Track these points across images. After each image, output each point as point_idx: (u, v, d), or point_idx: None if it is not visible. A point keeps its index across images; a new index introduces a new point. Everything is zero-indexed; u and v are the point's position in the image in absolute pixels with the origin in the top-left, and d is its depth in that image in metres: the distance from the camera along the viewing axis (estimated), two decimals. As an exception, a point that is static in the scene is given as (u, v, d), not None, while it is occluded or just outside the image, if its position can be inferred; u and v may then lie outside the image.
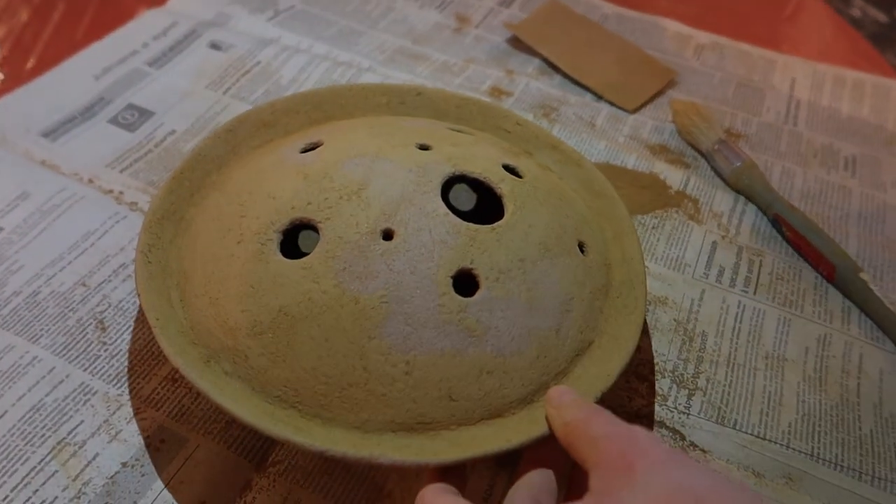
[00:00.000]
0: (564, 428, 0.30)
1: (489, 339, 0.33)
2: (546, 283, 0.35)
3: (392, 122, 0.44)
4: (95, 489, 0.34)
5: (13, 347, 0.39)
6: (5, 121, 0.52)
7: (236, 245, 0.35)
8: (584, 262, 0.38)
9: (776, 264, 0.48)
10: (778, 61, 0.66)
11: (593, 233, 0.41)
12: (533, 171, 0.41)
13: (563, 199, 0.40)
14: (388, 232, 0.34)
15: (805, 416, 0.40)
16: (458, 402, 0.33)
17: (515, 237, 0.36)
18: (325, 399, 0.32)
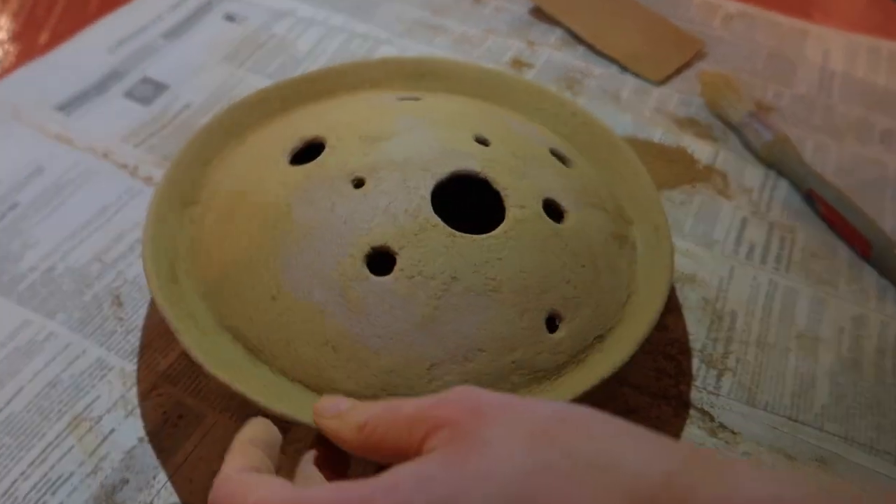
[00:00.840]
0: (360, 432, 0.25)
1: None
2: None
3: (454, 106, 0.42)
4: (112, 464, 0.34)
5: (30, 323, 0.39)
6: (19, 95, 0.51)
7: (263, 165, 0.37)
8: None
9: (809, 241, 0.46)
10: (810, 31, 0.64)
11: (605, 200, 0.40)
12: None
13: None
14: (360, 180, 0.34)
15: (839, 399, 0.39)
16: None
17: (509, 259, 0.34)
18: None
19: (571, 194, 0.37)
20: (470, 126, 0.38)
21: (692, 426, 0.37)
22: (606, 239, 0.37)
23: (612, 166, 0.42)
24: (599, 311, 0.35)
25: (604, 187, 0.40)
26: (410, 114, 0.38)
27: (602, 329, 0.35)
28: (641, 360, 0.39)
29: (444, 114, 0.39)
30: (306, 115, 0.42)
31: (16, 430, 0.34)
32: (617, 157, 0.43)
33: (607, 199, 0.39)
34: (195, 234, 0.37)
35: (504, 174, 0.35)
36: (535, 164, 0.37)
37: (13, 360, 0.37)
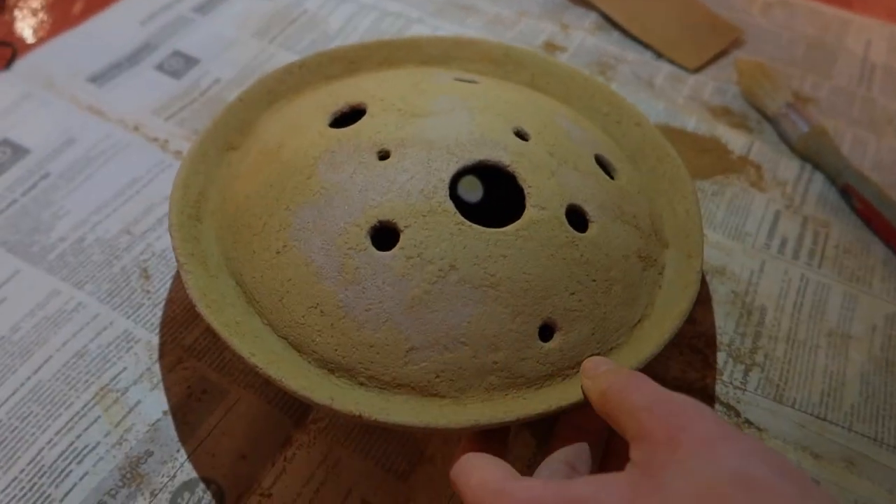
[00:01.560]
0: (602, 397, 0.27)
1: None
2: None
3: (505, 94, 0.40)
4: (137, 436, 0.34)
5: (59, 293, 0.39)
6: (53, 65, 0.51)
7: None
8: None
9: (843, 237, 0.45)
10: (852, 21, 0.62)
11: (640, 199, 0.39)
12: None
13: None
14: (385, 153, 0.34)
15: (869, 398, 0.38)
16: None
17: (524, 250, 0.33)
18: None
19: (602, 205, 0.35)
20: (514, 117, 0.37)
21: (717, 421, 0.36)
22: (629, 257, 0.35)
23: (659, 178, 0.41)
24: (602, 329, 0.33)
25: (644, 203, 0.38)
26: (457, 95, 0.37)
27: (601, 348, 0.33)
28: (667, 352, 0.39)
29: (491, 101, 0.38)
30: (358, 82, 0.42)
31: (44, 399, 0.35)
32: (667, 171, 0.41)
33: (643, 217, 0.37)
34: (227, 178, 0.38)
35: (533, 172, 0.34)
36: (572, 167, 0.36)
37: (42, 329, 0.37)
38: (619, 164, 0.39)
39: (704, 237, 0.44)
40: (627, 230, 0.36)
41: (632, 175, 0.39)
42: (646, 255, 0.36)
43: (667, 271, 0.36)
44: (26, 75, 0.50)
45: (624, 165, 0.40)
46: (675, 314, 0.33)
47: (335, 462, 0.34)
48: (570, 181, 0.35)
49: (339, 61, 0.44)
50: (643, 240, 0.36)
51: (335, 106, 0.38)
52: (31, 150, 0.46)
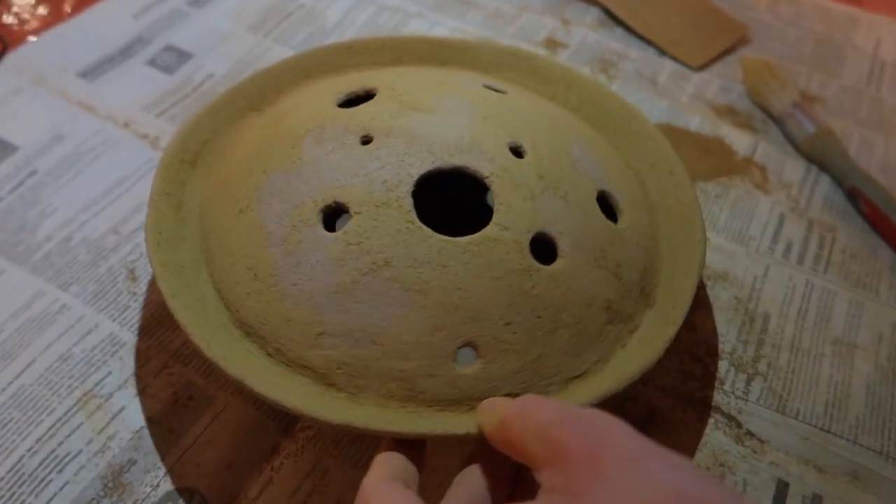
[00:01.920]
0: (501, 425, 0.25)
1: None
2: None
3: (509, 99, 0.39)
4: (121, 443, 0.33)
5: (44, 294, 0.38)
6: (43, 59, 0.50)
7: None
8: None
9: (850, 241, 0.44)
10: (861, 19, 0.60)
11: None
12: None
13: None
14: (369, 138, 0.33)
15: (875, 410, 0.37)
16: None
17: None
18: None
19: (580, 242, 0.32)
20: (519, 132, 0.35)
21: (717, 432, 0.35)
22: (593, 305, 0.32)
23: (674, 228, 0.37)
24: (532, 370, 0.30)
25: (640, 255, 0.35)
26: (468, 98, 0.36)
27: (524, 390, 0.30)
28: (667, 361, 0.38)
29: (502, 111, 0.36)
30: (385, 71, 0.41)
31: (25, 404, 0.34)
32: (684, 226, 0.37)
33: (630, 268, 0.34)
34: (235, 140, 0.39)
35: (512, 189, 0.32)
36: (560, 195, 0.33)
37: (25, 332, 0.36)
38: (630, 209, 0.36)
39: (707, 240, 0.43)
40: (603, 276, 0.33)
41: (639, 223, 0.36)
42: (617, 309, 0.33)
43: (640, 332, 0.33)
44: (16, 70, 0.49)
45: (635, 211, 0.36)
46: (620, 377, 0.30)
47: (324, 472, 0.33)
48: (550, 208, 0.32)
49: (387, 51, 0.44)
50: (619, 292, 0.33)
51: (349, 88, 0.38)
52: (19, 147, 0.45)
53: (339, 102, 0.37)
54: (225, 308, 0.32)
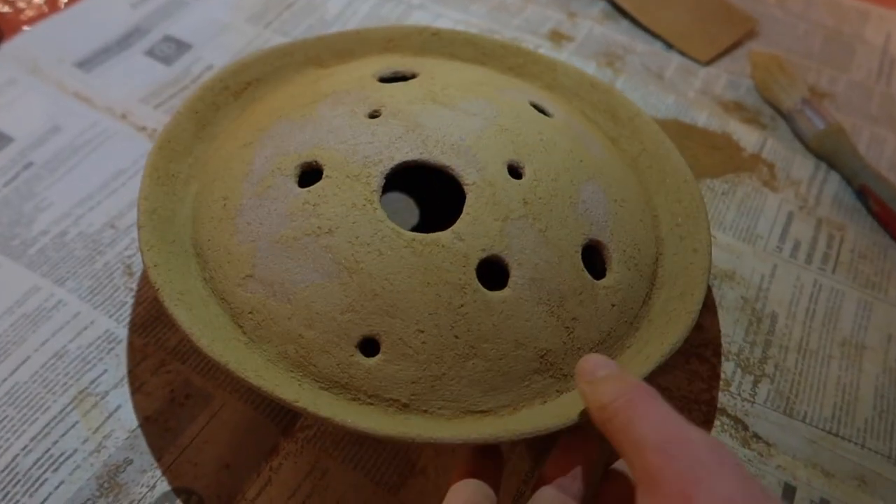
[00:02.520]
0: (601, 413, 0.24)
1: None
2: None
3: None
4: (116, 443, 0.33)
5: (39, 289, 0.37)
6: (39, 49, 0.49)
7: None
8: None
9: (859, 241, 0.43)
10: (872, 13, 0.60)
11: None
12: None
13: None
14: (376, 114, 0.34)
15: (883, 413, 0.36)
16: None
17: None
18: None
19: (538, 281, 0.31)
20: (529, 155, 0.33)
21: (724, 434, 0.35)
22: (524, 348, 0.30)
23: (675, 299, 0.34)
24: (429, 385, 0.29)
25: (610, 319, 0.32)
26: (496, 107, 0.35)
27: (411, 401, 0.29)
28: (672, 361, 0.37)
29: (527, 130, 0.34)
30: (441, 64, 0.41)
31: (20, 402, 0.33)
32: (694, 295, 0.34)
33: (587, 329, 0.31)
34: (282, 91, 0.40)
35: (487, 205, 0.31)
36: (539, 229, 0.31)
37: (20, 328, 0.36)
38: (622, 269, 0.33)
39: (714, 238, 0.42)
40: (550, 324, 0.31)
41: (626, 286, 0.33)
42: (552, 362, 0.31)
43: (563, 398, 0.31)
44: (12, 60, 0.48)
45: (628, 273, 0.33)
46: (511, 430, 0.28)
47: (323, 473, 0.32)
48: (519, 236, 0.31)
49: (470, 46, 0.43)
50: (563, 347, 0.31)
51: (396, 67, 0.39)
52: (14, 139, 0.44)
53: (380, 77, 0.37)
54: (192, 223, 0.34)
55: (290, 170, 0.33)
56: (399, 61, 0.41)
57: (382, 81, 0.37)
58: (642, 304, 0.34)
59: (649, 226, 0.36)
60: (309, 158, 0.33)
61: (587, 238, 0.33)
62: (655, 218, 0.37)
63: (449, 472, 0.32)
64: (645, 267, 0.35)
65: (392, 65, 0.40)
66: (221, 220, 0.33)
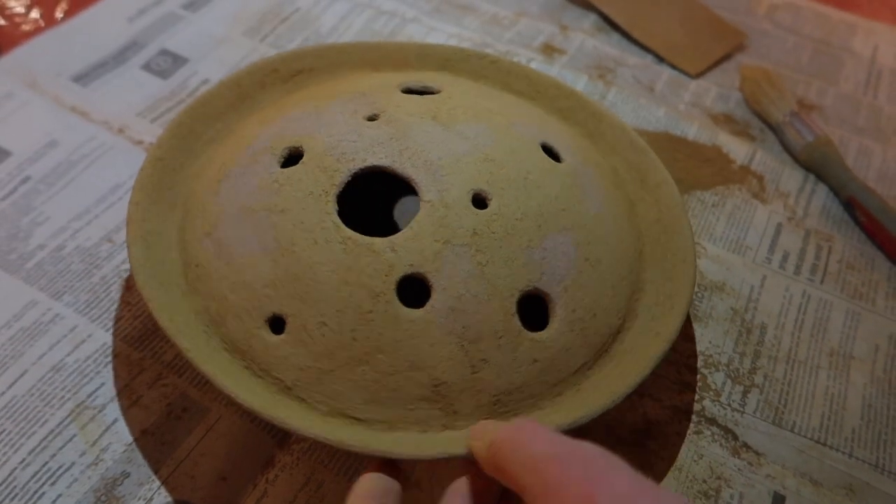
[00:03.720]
0: (489, 449, 0.24)
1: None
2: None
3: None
4: (114, 456, 0.33)
5: (36, 303, 0.38)
6: (37, 63, 0.50)
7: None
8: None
9: (847, 251, 0.44)
10: (859, 25, 0.60)
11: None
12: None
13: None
14: (374, 118, 0.35)
15: (871, 422, 0.37)
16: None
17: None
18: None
19: (455, 312, 0.30)
20: (504, 190, 0.33)
21: (714, 444, 0.35)
22: (419, 372, 0.30)
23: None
24: (316, 377, 0.30)
25: (529, 375, 0.31)
26: (494, 137, 0.35)
27: (295, 385, 0.30)
28: (663, 371, 0.38)
29: (516, 168, 0.34)
30: (468, 85, 0.42)
31: (17, 416, 0.34)
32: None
33: (497, 377, 0.31)
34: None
35: (433, 224, 0.31)
36: (477, 262, 0.31)
37: (18, 342, 0.36)
38: (561, 326, 0.32)
39: (703, 249, 0.43)
40: (454, 357, 0.30)
41: (564, 349, 0.32)
42: (445, 395, 0.30)
43: (445, 434, 0.30)
44: (9, 74, 0.49)
45: (568, 334, 0.32)
46: (373, 448, 0.28)
47: (318, 485, 0.33)
48: (452, 262, 0.31)
49: (524, 80, 0.43)
50: (461, 384, 0.30)
51: (429, 83, 0.39)
52: (11, 153, 0.44)
53: (406, 88, 0.38)
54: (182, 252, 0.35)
55: (278, 150, 0.35)
56: (438, 78, 0.41)
57: (407, 93, 0.38)
58: (576, 371, 0.32)
59: (622, 296, 0.34)
60: (297, 144, 0.34)
61: (532, 286, 0.32)
62: (639, 291, 0.35)
63: (444, 485, 0.33)
64: (594, 335, 0.33)
65: (426, 79, 0.40)
66: (212, 179, 0.35)
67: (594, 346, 0.33)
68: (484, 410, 0.30)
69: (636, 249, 0.37)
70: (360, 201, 0.36)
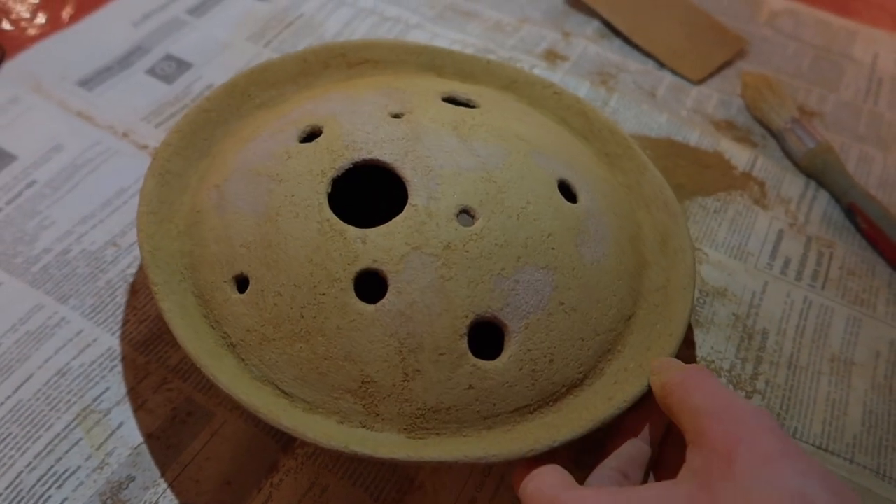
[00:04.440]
0: (663, 389, 0.28)
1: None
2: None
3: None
4: (119, 459, 0.33)
5: (42, 307, 0.38)
6: (42, 68, 0.50)
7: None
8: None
9: (848, 258, 0.44)
10: (860, 32, 0.61)
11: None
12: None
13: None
14: (399, 115, 0.36)
15: (871, 428, 0.37)
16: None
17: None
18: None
19: (403, 318, 0.30)
20: (493, 213, 0.32)
21: (716, 450, 0.35)
22: (352, 364, 0.30)
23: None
24: (258, 340, 0.31)
25: (460, 394, 0.30)
26: (506, 158, 0.34)
27: (243, 348, 0.31)
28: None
29: (520, 190, 0.33)
30: (510, 109, 0.40)
31: (23, 420, 0.34)
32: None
33: (423, 398, 0.30)
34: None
35: (410, 228, 0.31)
36: (441, 276, 0.31)
37: (24, 346, 0.36)
38: (513, 366, 0.31)
39: (705, 255, 0.43)
40: (389, 362, 0.30)
41: (506, 386, 0.31)
42: (370, 394, 0.30)
43: (360, 433, 0.30)
44: (15, 78, 0.49)
45: (517, 373, 0.31)
46: (284, 424, 0.29)
47: (322, 489, 0.33)
48: (417, 270, 0.31)
49: (581, 118, 0.42)
50: (388, 390, 0.30)
51: (473, 97, 0.39)
52: (17, 157, 0.45)
53: (448, 97, 0.39)
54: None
55: (302, 125, 0.36)
56: (491, 95, 0.41)
57: (446, 101, 0.38)
58: (514, 410, 0.31)
59: (591, 352, 0.33)
60: (320, 124, 0.35)
61: (491, 313, 0.31)
62: (613, 353, 0.33)
63: (447, 489, 0.33)
64: (545, 380, 0.31)
65: (479, 94, 0.40)
66: (244, 138, 0.37)
67: (543, 391, 0.31)
68: (406, 420, 0.30)
69: (627, 310, 0.34)
70: (370, 196, 0.36)
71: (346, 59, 0.43)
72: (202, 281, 0.33)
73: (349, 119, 0.35)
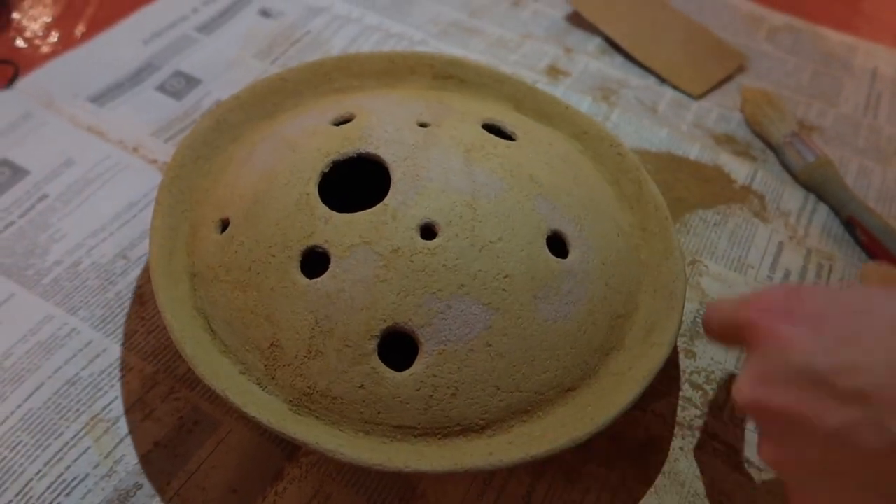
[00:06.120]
0: (708, 324, 0.33)
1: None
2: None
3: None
4: (127, 468, 0.34)
5: (52, 318, 0.39)
6: (54, 84, 0.51)
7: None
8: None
9: (848, 270, 0.45)
10: (859, 47, 0.61)
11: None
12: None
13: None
14: (425, 125, 0.37)
15: (871, 439, 0.37)
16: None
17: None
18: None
19: (330, 294, 0.32)
20: (457, 233, 0.32)
21: (716, 460, 0.36)
22: (266, 339, 0.32)
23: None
24: (213, 281, 0.35)
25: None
26: (503, 192, 0.34)
27: (201, 279, 0.35)
28: (665, 388, 0.38)
29: (497, 227, 0.33)
30: (549, 141, 0.41)
31: (33, 428, 0.35)
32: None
33: (325, 382, 0.31)
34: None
35: (370, 223, 0.33)
36: (382, 280, 0.31)
37: (34, 355, 0.37)
38: (408, 376, 0.31)
39: (706, 267, 0.44)
40: (301, 333, 0.31)
41: (394, 396, 0.31)
42: (273, 358, 0.32)
43: (265, 406, 0.31)
44: (28, 94, 0.50)
45: (410, 384, 0.31)
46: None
47: (326, 497, 0.33)
48: (356, 260, 0.31)
49: (616, 156, 0.42)
50: (292, 358, 0.31)
51: (508, 128, 0.40)
52: (30, 171, 0.46)
53: (487, 124, 0.39)
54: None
55: (342, 111, 0.38)
56: (534, 133, 0.40)
57: (486, 127, 0.38)
58: (398, 427, 0.31)
59: (503, 403, 0.31)
60: (356, 113, 0.38)
61: (410, 327, 0.31)
62: (529, 414, 0.32)
63: (449, 498, 0.33)
64: (439, 412, 0.31)
65: (519, 128, 0.40)
66: (299, 113, 0.41)
67: (433, 421, 0.31)
68: (294, 393, 0.31)
69: (568, 382, 0.33)
70: (379, 194, 0.35)
71: (434, 69, 0.45)
72: (197, 218, 0.37)
73: (380, 116, 0.37)
